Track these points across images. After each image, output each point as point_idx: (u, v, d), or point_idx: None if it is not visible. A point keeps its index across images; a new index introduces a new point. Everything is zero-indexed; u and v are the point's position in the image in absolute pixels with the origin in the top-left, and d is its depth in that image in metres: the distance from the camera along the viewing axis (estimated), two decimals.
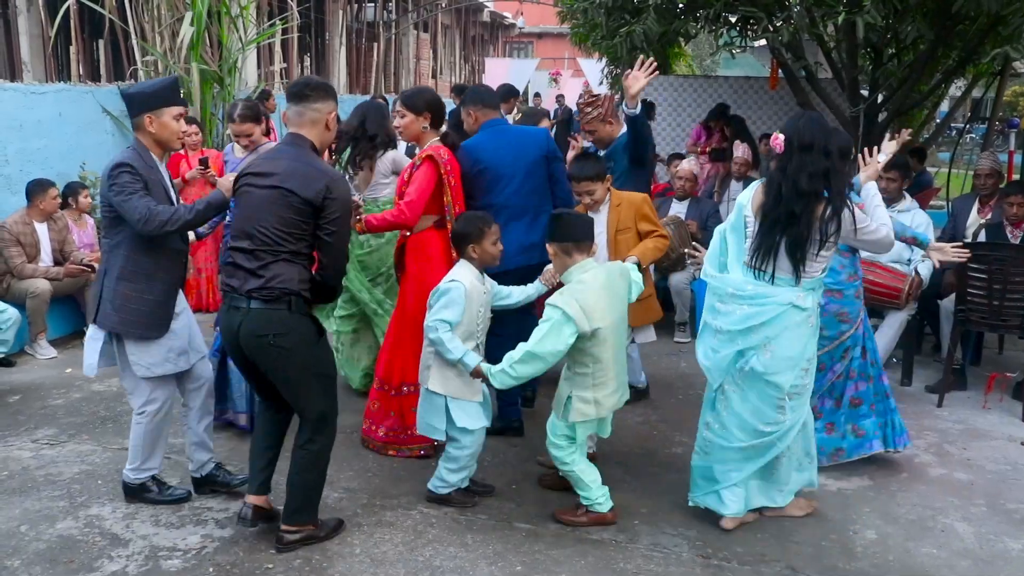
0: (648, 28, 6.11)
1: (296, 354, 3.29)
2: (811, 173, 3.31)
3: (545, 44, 34.99)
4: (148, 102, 3.54)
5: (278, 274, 3.22)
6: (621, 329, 3.62)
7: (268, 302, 3.22)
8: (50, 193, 6.06)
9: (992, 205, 5.90)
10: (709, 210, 6.73)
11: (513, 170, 4.28)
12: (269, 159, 3.34)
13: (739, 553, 3.48)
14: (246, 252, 3.24)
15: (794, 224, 3.33)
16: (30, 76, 12.28)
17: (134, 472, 3.77)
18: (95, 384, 5.36)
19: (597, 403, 3.54)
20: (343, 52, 16.73)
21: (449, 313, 3.54)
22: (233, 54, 8.19)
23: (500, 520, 3.71)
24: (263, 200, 3.23)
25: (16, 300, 5.87)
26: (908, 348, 5.56)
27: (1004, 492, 4.08)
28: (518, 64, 22.45)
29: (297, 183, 3.21)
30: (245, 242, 3.25)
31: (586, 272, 3.51)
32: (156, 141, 3.58)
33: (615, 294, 3.58)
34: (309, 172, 3.25)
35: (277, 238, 3.21)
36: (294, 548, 3.40)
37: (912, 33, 5.80)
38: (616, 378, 3.58)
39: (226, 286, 3.32)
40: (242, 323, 3.24)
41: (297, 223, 3.23)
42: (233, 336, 3.29)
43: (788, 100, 9.25)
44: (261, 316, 3.23)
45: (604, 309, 3.45)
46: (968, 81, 9.52)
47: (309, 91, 3.35)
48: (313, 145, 3.37)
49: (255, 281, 3.22)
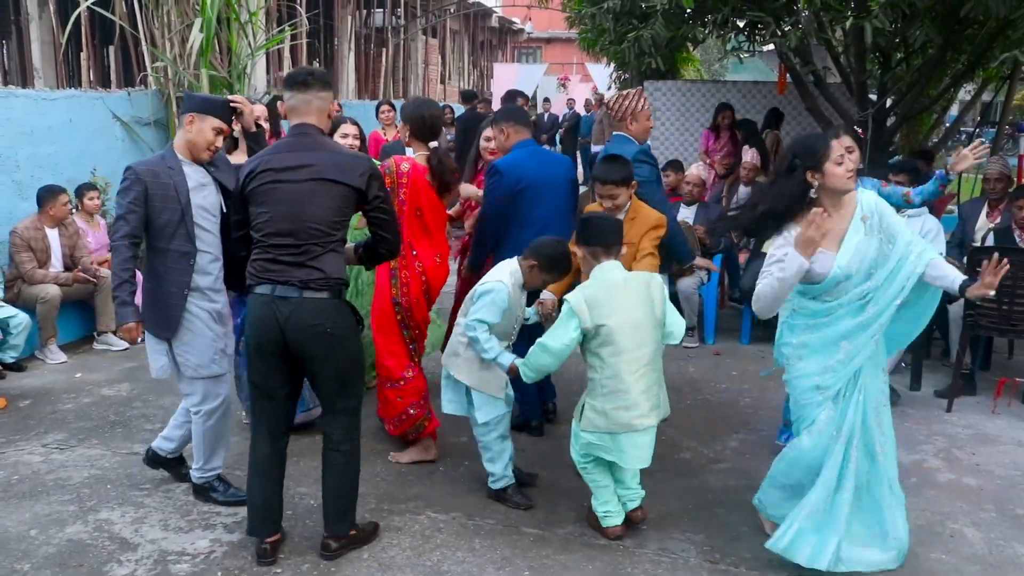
0: (656, 33, 6.11)
1: (348, 342, 3.32)
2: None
3: (553, 49, 35.01)
4: (202, 106, 3.61)
5: (330, 263, 3.24)
6: (641, 338, 3.44)
7: (322, 291, 3.22)
8: (60, 199, 6.10)
9: (1001, 209, 5.88)
10: (716, 215, 6.73)
11: (551, 188, 4.42)
12: (290, 152, 3.28)
13: (747, 559, 3.47)
14: (289, 248, 3.20)
15: None
16: (41, 82, 12.36)
17: (199, 472, 3.85)
18: (105, 389, 5.38)
19: (606, 415, 3.42)
20: (352, 58, 16.78)
21: (488, 314, 3.62)
22: (242, 60, 8.21)
23: (508, 525, 3.71)
24: (304, 194, 3.20)
25: (27, 305, 5.91)
26: (917, 353, 5.54)
27: (1013, 497, 4.06)
28: (526, 69, 22.44)
29: (339, 172, 3.22)
30: (287, 239, 3.20)
31: (606, 273, 3.48)
32: (189, 143, 3.60)
33: (632, 298, 3.45)
34: (345, 160, 3.28)
35: (329, 228, 3.22)
36: (340, 555, 3.40)
37: (920, 37, 5.79)
38: (631, 393, 3.40)
39: (263, 278, 3.24)
40: (292, 314, 3.19)
41: (344, 211, 3.26)
42: (276, 328, 3.21)
43: (796, 105, 9.24)
44: (316, 305, 3.21)
45: (613, 308, 3.39)
46: (977, 85, 9.48)
47: (313, 80, 3.34)
48: (321, 132, 3.37)
49: (306, 272, 3.20)
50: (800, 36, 5.95)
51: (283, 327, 3.21)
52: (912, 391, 5.47)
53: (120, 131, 7.42)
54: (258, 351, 3.30)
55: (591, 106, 18.08)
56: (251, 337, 3.32)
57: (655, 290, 3.52)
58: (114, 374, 5.70)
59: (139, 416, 4.92)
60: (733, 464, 4.40)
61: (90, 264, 6.23)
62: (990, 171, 6.09)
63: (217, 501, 3.84)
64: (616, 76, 12.67)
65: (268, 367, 3.31)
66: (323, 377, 3.31)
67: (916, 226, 5.48)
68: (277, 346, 3.25)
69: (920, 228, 5.48)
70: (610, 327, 3.38)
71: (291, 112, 3.36)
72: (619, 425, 3.42)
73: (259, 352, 3.30)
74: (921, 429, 4.85)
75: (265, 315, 3.23)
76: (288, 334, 3.21)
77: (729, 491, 4.07)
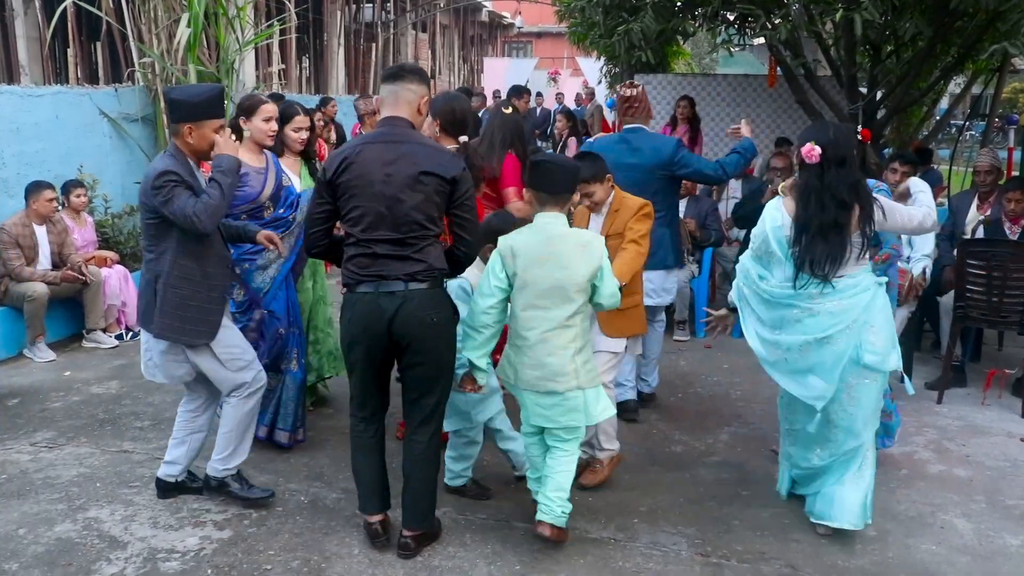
0: (646, 26, 6.09)
1: (450, 333, 3.34)
2: (850, 185, 3.42)
3: (544, 43, 34.92)
4: (192, 113, 3.47)
5: (431, 254, 3.23)
6: (559, 298, 3.28)
7: (430, 283, 3.23)
8: (45, 195, 6.04)
9: (991, 201, 5.90)
10: (707, 208, 6.73)
11: None
12: (384, 143, 3.22)
13: (738, 551, 3.47)
14: (390, 241, 3.18)
15: (838, 232, 3.41)
16: (27, 79, 12.27)
17: (220, 464, 3.73)
18: (94, 387, 5.35)
19: (516, 370, 3.36)
20: (341, 53, 16.70)
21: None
22: (231, 55, 8.17)
23: (498, 519, 3.70)
24: (402, 187, 3.16)
25: (14, 303, 5.87)
26: (908, 345, 5.54)
27: (1003, 488, 4.08)
28: (517, 64, 22.43)
29: (436, 164, 3.19)
30: (384, 232, 3.17)
31: (545, 223, 3.36)
32: (193, 151, 3.53)
33: (564, 256, 3.29)
34: (439, 152, 3.27)
35: (427, 222, 3.20)
36: (418, 553, 3.39)
37: (910, 30, 5.77)
38: (536, 352, 3.29)
39: (364, 276, 3.22)
40: (401, 307, 3.18)
41: (440, 205, 3.24)
42: (383, 324, 3.20)
43: (786, 98, 9.22)
44: (425, 297, 3.21)
45: (532, 262, 3.28)
46: (967, 77, 9.49)
47: (404, 72, 3.35)
48: (412, 125, 3.33)
49: (412, 265, 3.19)
50: (790, 29, 5.95)
51: (391, 321, 3.20)
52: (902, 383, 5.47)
53: (107, 128, 7.38)
54: (357, 349, 3.28)
55: (581, 100, 18.05)
56: (351, 336, 3.29)
57: (593, 253, 3.32)
58: (103, 372, 5.67)
59: (128, 414, 4.90)
60: (724, 457, 4.40)
61: (79, 261, 6.19)
62: (980, 164, 6.11)
63: (235, 496, 3.73)
64: (607, 70, 12.65)
65: (367, 362, 3.31)
66: (426, 368, 3.30)
67: None
68: (381, 342, 3.25)
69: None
70: (523, 279, 3.30)
71: (382, 105, 3.37)
72: (524, 383, 3.35)
73: (362, 347, 3.27)
74: (911, 421, 4.86)
75: (372, 312, 3.21)
76: (395, 327, 3.21)
77: (720, 484, 4.08)
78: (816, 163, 3.41)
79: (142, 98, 7.78)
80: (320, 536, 3.54)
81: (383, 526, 3.45)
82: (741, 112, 9.61)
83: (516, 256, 3.31)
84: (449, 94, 4.50)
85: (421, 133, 3.39)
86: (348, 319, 3.29)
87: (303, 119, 4.51)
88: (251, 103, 4.20)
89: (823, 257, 3.41)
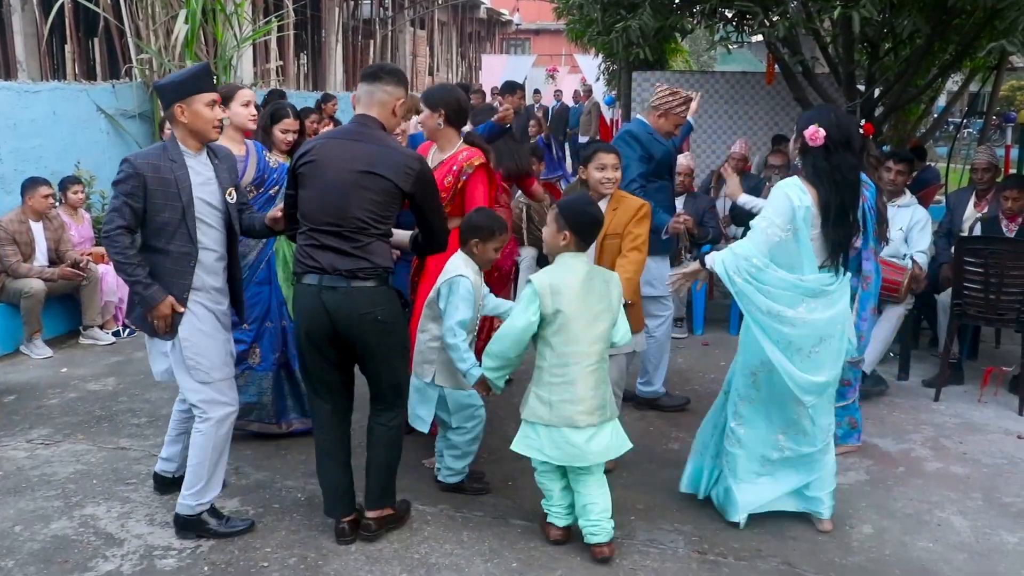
0: (644, 23, 6.09)
1: (396, 327, 3.35)
2: (853, 165, 3.41)
3: (542, 40, 34.94)
4: (178, 91, 3.33)
5: (376, 252, 3.25)
6: (594, 334, 3.33)
7: (370, 280, 3.24)
8: (40, 191, 6.03)
9: (989, 199, 5.90)
10: (705, 205, 6.72)
11: None
12: (345, 140, 3.30)
13: (735, 548, 3.47)
14: (334, 235, 3.21)
15: (847, 215, 3.41)
16: (25, 75, 12.25)
17: (193, 499, 3.43)
18: (90, 383, 5.35)
19: (551, 406, 3.30)
20: (339, 49, 16.70)
21: (462, 311, 3.53)
22: (228, 51, 8.17)
23: (496, 517, 3.70)
24: (349, 184, 3.20)
25: (11, 300, 5.86)
26: (905, 342, 5.56)
27: (1000, 486, 4.08)
28: (515, 61, 22.44)
29: (389, 169, 3.22)
30: (331, 226, 3.21)
31: (572, 262, 3.38)
32: (190, 132, 3.36)
33: (594, 294, 3.34)
34: (395, 154, 3.28)
35: (372, 221, 3.23)
36: (381, 535, 3.45)
37: (908, 27, 5.78)
38: (577, 387, 3.29)
39: (309, 267, 3.25)
40: (343, 304, 3.21)
41: (389, 207, 3.27)
42: (325, 317, 3.23)
43: (784, 95, 9.22)
44: (365, 294, 3.23)
45: (574, 299, 3.29)
46: (965, 75, 9.49)
47: (383, 73, 3.39)
48: (382, 126, 3.35)
49: (354, 261, 3.21)
50: (788, 26, 5.95)
51: (332, 316, 3.23)
52: (900, 380, 5.48)
53: (105, 124, 7.37)
54: (308, 339, 3.32)
55: (579, 97, 18.05)
56: (300, 326, 3.34)
57: (614, 290, 3.42)
58: (100, 369, 5.66)
59: (125, 411, 4.89)
60: None
61: (80, 257, 6.17)
62: (978, 161, 6.11)
63: (213, 533, 3.46)
64: (605, 67, 12.66)
65: (319, 356, 3.35)
66: (373, 360, 3.35)
67: (905, 217, 5.51)
68: (327, 334, 3.28)
69: (909, 219, 5.51)
70: (567, 315, 3.29)
71: (357, 102, 3.41)
72: (562, 419, 3.29)
73: (309, 340, 3.32)
74: (909, 418, 4.87)
75: (314, 303, 3.25)
76: (340, 325, 3.24)
77: None
78: (821, 145, 3.38)
79: (139, 94, 7.77)
80: (317, 533, 3.54)
81: (351, 525, 3.47)
82: (739, 110, 9.62)
83: (558, 293, 3.29)
84: (446, 85, 4.51)
85: (389, 135, 3.41)
86: (297, 310, 3.38)
87: (292, 122, 4.53)
88: (227, 90, 4.19)
89: (845, 240, 3.43)
